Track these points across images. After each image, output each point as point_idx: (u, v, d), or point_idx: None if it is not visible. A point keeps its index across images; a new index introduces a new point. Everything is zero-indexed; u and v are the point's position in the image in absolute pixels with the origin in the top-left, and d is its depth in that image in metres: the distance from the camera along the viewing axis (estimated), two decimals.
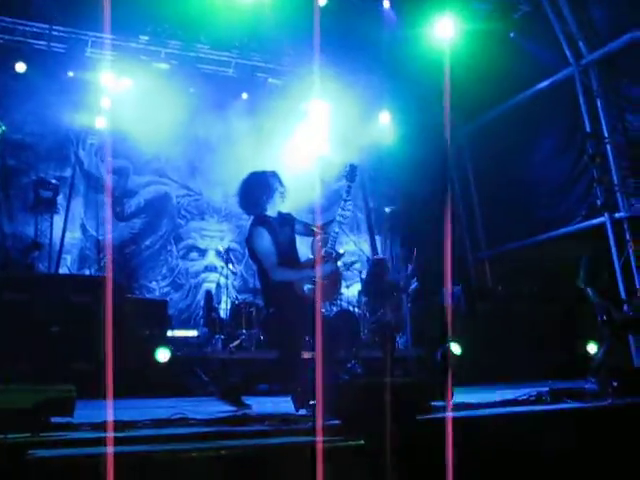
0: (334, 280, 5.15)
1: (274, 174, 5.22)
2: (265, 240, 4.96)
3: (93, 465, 2.89)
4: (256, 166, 5.60)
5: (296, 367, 5.15)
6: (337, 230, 5.08)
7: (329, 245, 5.07)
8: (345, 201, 5.07)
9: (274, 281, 4.98)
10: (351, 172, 5.13)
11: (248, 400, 5.24)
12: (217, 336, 9.68)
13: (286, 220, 5.22)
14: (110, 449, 3.03)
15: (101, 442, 3.32)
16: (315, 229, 5.23)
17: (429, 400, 4.52)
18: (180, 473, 2.99)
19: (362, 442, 3.43)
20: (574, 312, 9.53)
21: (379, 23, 11.13)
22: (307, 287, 4.98)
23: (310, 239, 5.34)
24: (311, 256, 5.20)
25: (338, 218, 5.07)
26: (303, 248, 5.40)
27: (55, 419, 3.85)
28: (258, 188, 5.12)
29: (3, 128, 5.97)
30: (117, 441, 3.29)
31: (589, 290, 7.56)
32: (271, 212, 5.17)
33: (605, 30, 10.28)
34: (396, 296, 9.45)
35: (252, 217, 5.22)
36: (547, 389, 5.27)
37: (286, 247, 5.07)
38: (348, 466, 3.27)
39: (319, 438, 3.41)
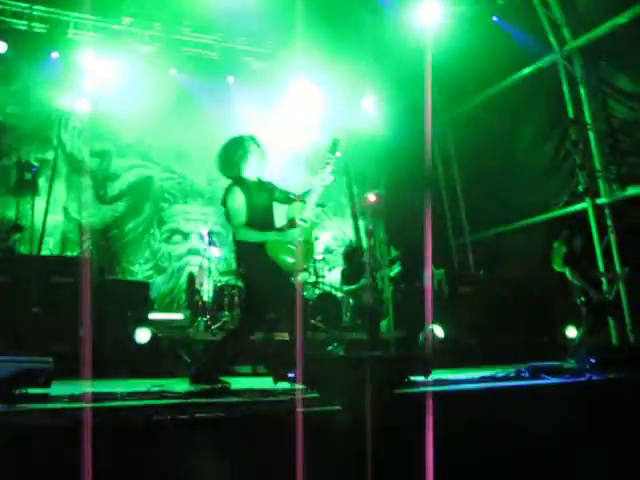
0: (306, 249, 5.13)
1: (251, 137, 5.22)
2: (237, 199, 4.95)
3: (69, 430, 2.88)
4: None
5: (259, 325, 5.18)
6: (314, 198, 5.07)
7: (304, 212, 5.06)
8: (321, 169, 5.06)
9: (239, 241, 4.98)
10: (333, 146, 5.12)
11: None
12: (200, 318, 9.66)
13: (265, 186, 5.22)
14: (88, 415, 3.03)
15: (77, 412, 3.32)
16: (294, 197, 5.23)
17: (408, 374, 4.54)
18: (156, 438, 2.98)
19: (338, 408, 3.44)
20: (555, 297, 9.60)
21: (364, 6, 11.09)
22: (283, 256, 4.96)
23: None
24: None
25: (315, 185, 5.08)
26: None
27: (32, 391, 3.85)
28: (233, 149, 5.13)
29: None
30: (95, 410, 3.29)
31: (567, 271, 7.63)
32: (250, 176, 5.15)
33: (589, 17, 10.30)
34: (373, 279, 9.49)
35: (229, 179, 5.20)
36: (526, 366, 5.32)
37: (260, 212, 5.05)
38: (325, 433, 3.28)
39: (298, 407, 3.43)
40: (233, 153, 5.13)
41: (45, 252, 10.52)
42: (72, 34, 11.10)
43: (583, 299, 7.63)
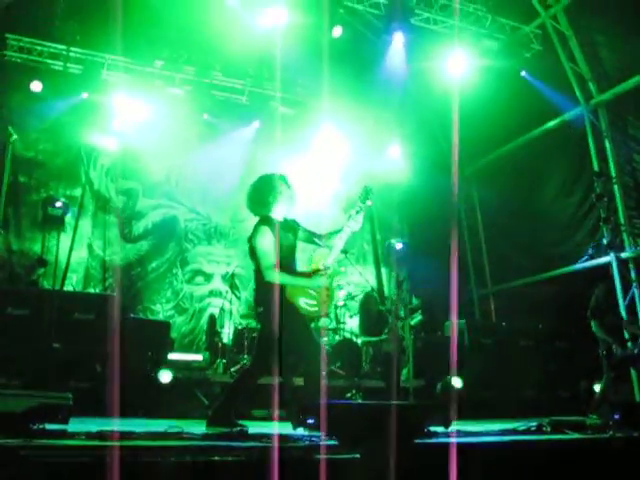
0: (326, 295, 5.11)
1: (282, 177, 5.22)
2: (267, 239, 4.94)
3: (86, 468, 2.87)
4: None
5: (273, 368, 5.11)
6: (339, 245, 5.07)
7: (328, 260, 5.06)
8: (352, 216, 5.06)
9: (267, 282, 4.94)
10: (365, 193, 5.12)
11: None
12: (219, 360, 9.63)
13: (290, 226, 5.22)
14: (105, 453, 3.01)
15: (95, 450, 3.31)
16: (318, 238, 5.23)
17: (428, 424, 4.48)
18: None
19: (357, 456, 3.39)
20: (578, 349, 9.46)
21: (391, 56, 11.24)
22: (302, 300, 4.96)
23: (311, 248, 5.33)
24: (308, 269, 5.18)
25: (342, 233, 5.07)
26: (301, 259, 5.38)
27: (50, 426, 3.84)
28: (265, 189, 5.14)
29: (14, 137, 6.02)
30: (112, 449, 3.26)
31: (593, 323, 7.54)
32: (277, 216, 5.16)
33: (615, 71, 10.39)
34: (392, 327, 9.42)
35: (258, 217, 5.21)
36: (548, 420, 5.22)
37: (286, 252, 5.04)
38: None
39: (317, 454, 3.39)
40: (263, 192, 5.14)
41: (68, 288, 10.59)
42: (105, 75, 11.40)
43: (605, 353, 7.51)
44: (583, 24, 10.49)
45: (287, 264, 5.04)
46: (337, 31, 10.47)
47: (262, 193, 5.15)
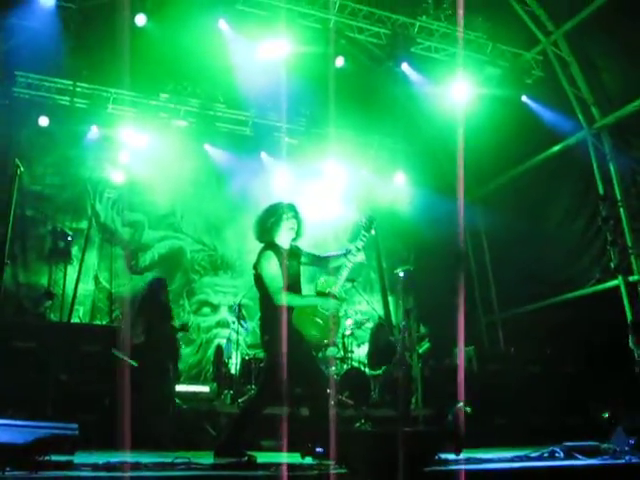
0: (333, 323, 5.09)
1: (290, 205, 5.24)
2: (272, 264, 4.96)
3: None
4: None
5: (279, 396, 5.06)
6: (344, 275, 5.08)
7: (334, 288, 5.06)
8: (358, 244, 5.07)
9: (277, 305, 4.91)
10: (369, 223, 5.14)
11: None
12: (226, 391, 9.57)
13: (294, 253, 5.23)
14: None
15: None
16: (321, 258, 5.25)
17: (439, 452, 4.42)
18: None
19: None
20: (588, 374, 9.37)
21: (395, 85, 11.33)
22: (309, 328, 4.94)
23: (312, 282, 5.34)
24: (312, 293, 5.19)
25: (347, 261, 5.08)
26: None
27: (55, 458, 3.79)
28: (271, 217, 5.16)
29: (22, 169, 6.06)
30: None
31: (632, 338, 7.46)
32: (282, 243, 5.17)
33: (617, 95, 10.44)
34: (399, 356, 9.36)
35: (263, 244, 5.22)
36: (560, 446, 5.13)
37: (292, 280, 5.06)
38: None
39: None
40: (270, 220, 5.16)
41: (75, 320, 10.58)
42: (111, 109, 11.51)
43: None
44: (584, 49, 10.58)
45: (293, 292, 5.04)
46: (339, 61, 10.60)
47: (268, 221, 5.17)
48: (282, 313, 4.87)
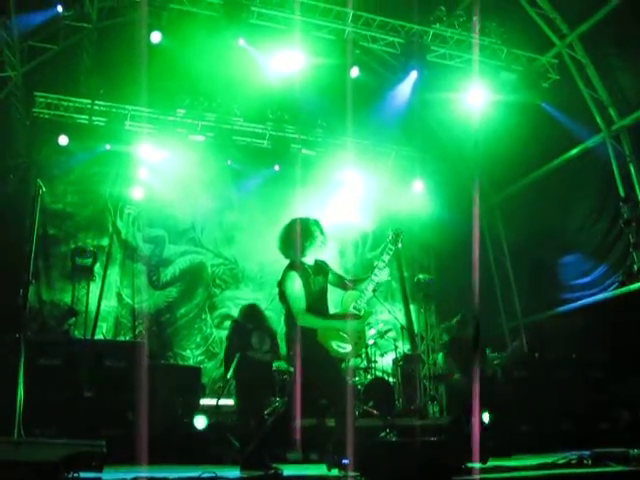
0: (358, 337, 5.10)
1: (316, 222, 5.24)
2: (296, 284, 4.97)
3: None
4: None
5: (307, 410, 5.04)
6: (370, 289, 5.08)
7: (359, 302, 5.07)
8: (385, 258, 5.08)
9: (299, 326, 4.94)
10: (395, 237, 5.16)
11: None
12: None
13: (321, 268, 5.24)
14: None
15: None
16: (348, 283, 5.24)
17: (465, 461, 4.39)
18: None
19: None
20: (614, 379, 9.24)
21: (410, 94, 11.32)
22: (334, 343, 4.95)
23: (340, 291, 5.33)
24: (338, 310, 5.17)
25: (373, 277, 5.08)
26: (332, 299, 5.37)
27: (84, 475, 3.82)
28: (300, 233, 5.14)
29: (44, 189, 6.12)
30: None
31: None
32: (308, 259, 5.18)
33: (634, 95, 10.34)
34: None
35: (289, 261, 5.22)
36: (589, 452, 5.07)
37: (317, 296, 5.07)
38: None
39: None
40: (299, 236, 5.13)
41: (98, 336, 10.66)
42: (129, 125, 11.64)
43: None
44: (599, 50, 10.49)
45: (318, 307, 5.06)
46: (354, 71, 10.62)
47: (297, 237, 5.13)
48: (306, 329, 4.92)
